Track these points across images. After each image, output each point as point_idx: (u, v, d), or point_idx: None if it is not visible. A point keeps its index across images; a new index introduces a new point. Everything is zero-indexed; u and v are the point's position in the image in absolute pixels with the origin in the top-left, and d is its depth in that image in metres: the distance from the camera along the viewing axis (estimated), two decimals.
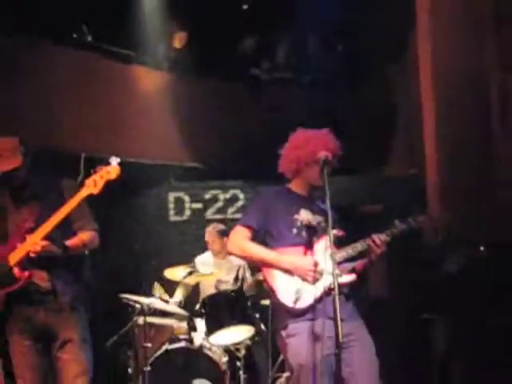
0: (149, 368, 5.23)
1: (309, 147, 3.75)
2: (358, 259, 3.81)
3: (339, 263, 3.63)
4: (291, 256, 3.68)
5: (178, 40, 7.49)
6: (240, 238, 3.80)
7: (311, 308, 3.57)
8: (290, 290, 3.61)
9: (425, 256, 5.89)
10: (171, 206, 7.86)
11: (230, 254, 4.20)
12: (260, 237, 3.84)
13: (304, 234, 3.75)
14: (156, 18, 7.16)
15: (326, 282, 3.58)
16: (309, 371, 3.51)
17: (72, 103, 6.59)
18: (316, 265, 3.60)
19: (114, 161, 3.88)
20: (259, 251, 3.76)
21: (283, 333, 3.66)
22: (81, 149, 6.66)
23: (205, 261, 6.69)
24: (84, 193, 3.90)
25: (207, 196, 7.90)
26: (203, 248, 6.87)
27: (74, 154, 6.52)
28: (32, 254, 3.88)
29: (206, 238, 6.75)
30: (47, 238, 3.90)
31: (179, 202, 7.88)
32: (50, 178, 4.24)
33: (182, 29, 7.49)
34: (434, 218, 4.04)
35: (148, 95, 7.56)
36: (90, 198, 3.98)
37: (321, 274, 3.61)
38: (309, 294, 3.58)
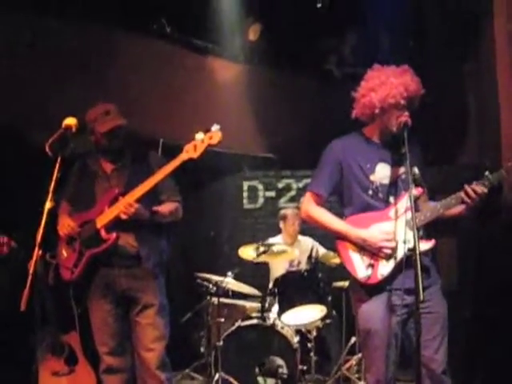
0: (221, 343, 5.27)
1: (384, 90, 3.35)
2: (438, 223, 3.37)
3: (418, 228, 3.22)
4: (360, 230, 3.36)
5: (253, 32, 7.55)
6: (310, 204, 3.54)
7: (387, 280, 3.30)
8: (362, 264, 3.36)
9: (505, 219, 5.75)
10: (245, 194, 8.02)
11: (304, 221, 3.86)
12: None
13: (381, 195, 3.41)
14: (232, 11, 7.23)
15: (402, 251, 3.22)
16: (376, 338, 3.32)
17: (151, 90, 6.72)
18: (389, 238, 3.28)
19: (215, 127, 3.78)
20: (329, 220, 3.48)
21: (357, 297, 3.43)
22: (158, 135, 6.80)
23: (276, 243, 6.65)
24: (184, 156, 3.80)
25: (280, 185, 8.00)
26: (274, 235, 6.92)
27: (152, 140, 6.62)
28: (123, 216, 3.89)
29: (289, 218, 6.70)
30: (138, 202, 3.92)
31: (253, 190, 8.02)
32: (137, 150, 4.29)
33: (256, 22, 7.54)
34: None
35: (224, 86, 7.63)
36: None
37: (395, 246, 3.27)
38: (383, 268, 3.30)
